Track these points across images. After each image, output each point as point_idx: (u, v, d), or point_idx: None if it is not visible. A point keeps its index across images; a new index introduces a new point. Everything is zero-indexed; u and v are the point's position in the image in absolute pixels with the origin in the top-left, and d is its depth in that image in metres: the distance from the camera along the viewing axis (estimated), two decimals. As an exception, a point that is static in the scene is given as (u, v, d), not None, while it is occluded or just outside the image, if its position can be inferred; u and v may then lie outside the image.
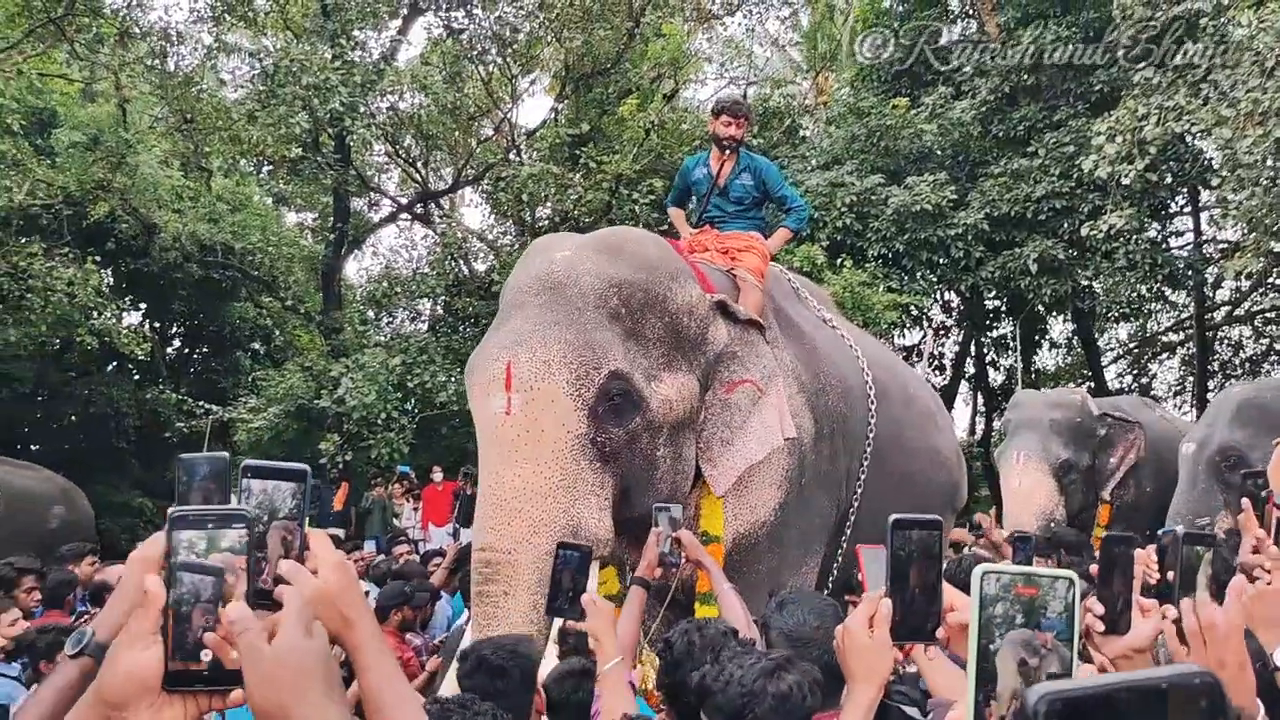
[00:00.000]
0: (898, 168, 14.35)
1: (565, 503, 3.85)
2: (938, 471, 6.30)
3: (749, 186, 5.56)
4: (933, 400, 6.87)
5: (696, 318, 4.48)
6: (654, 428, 4.21)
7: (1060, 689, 0.64)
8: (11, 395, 16.27)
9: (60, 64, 14.87)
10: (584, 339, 4.03)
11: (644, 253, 4.48)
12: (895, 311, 12.85)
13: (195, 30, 14.73)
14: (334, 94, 12.66)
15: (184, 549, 1.09)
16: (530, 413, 3.90)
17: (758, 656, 2.14)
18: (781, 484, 4.73)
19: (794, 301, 5.78)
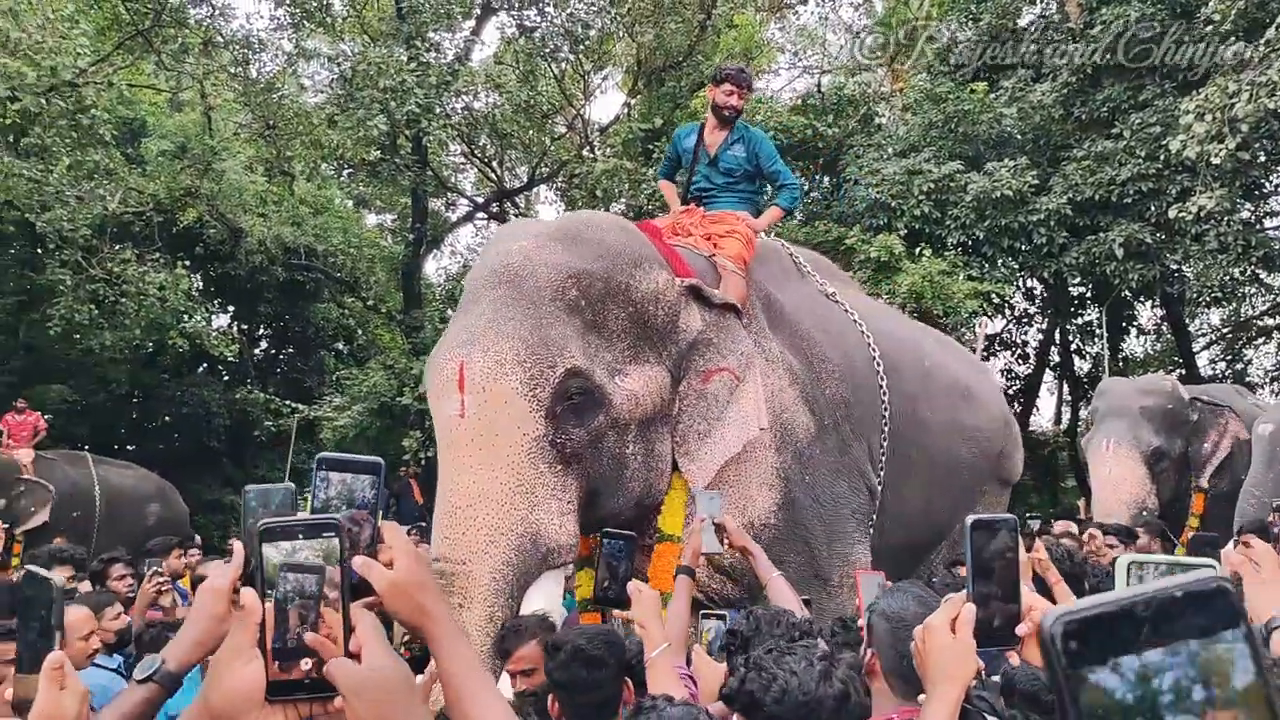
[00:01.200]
0: (976, 153, 14.07)
1: (523, 509, 3.63)
2: (966, 446, 5.90)
3: (740, 159, 5.27)
4: (964, 371, 6.39)
5: (664, 305, 4.23)
6: (620, 425, 3.98)
7: (1075, 608, 0.64)
8: (109, 397, 16.86)
9: (148, 75, 15.33)
10: (539, 336, 3.80)
11: (604, 239, 4.23)
12: (976, 300, 12.61)
13: (276, 37, 15.10)
14: (410, 96, 12.85)
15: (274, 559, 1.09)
16: (484, 415, 3.68)
17: (803, 658, 2.08)
18: (773, 484, 4.49)
19: (792, 279, 5.45)
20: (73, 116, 11.95)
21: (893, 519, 5.21)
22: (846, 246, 13.27)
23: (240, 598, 1.08)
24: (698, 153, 5.36)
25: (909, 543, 5.53)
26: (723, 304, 4.43)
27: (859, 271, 12.81)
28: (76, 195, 12.42)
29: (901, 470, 5.23)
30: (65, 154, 12.36)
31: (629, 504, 4.12)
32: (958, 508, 5.79)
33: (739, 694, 2.07)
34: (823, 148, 15.39)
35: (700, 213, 5.20)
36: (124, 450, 16.51)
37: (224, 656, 1.08)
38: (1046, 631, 0.63)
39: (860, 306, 5.64)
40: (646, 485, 4.15)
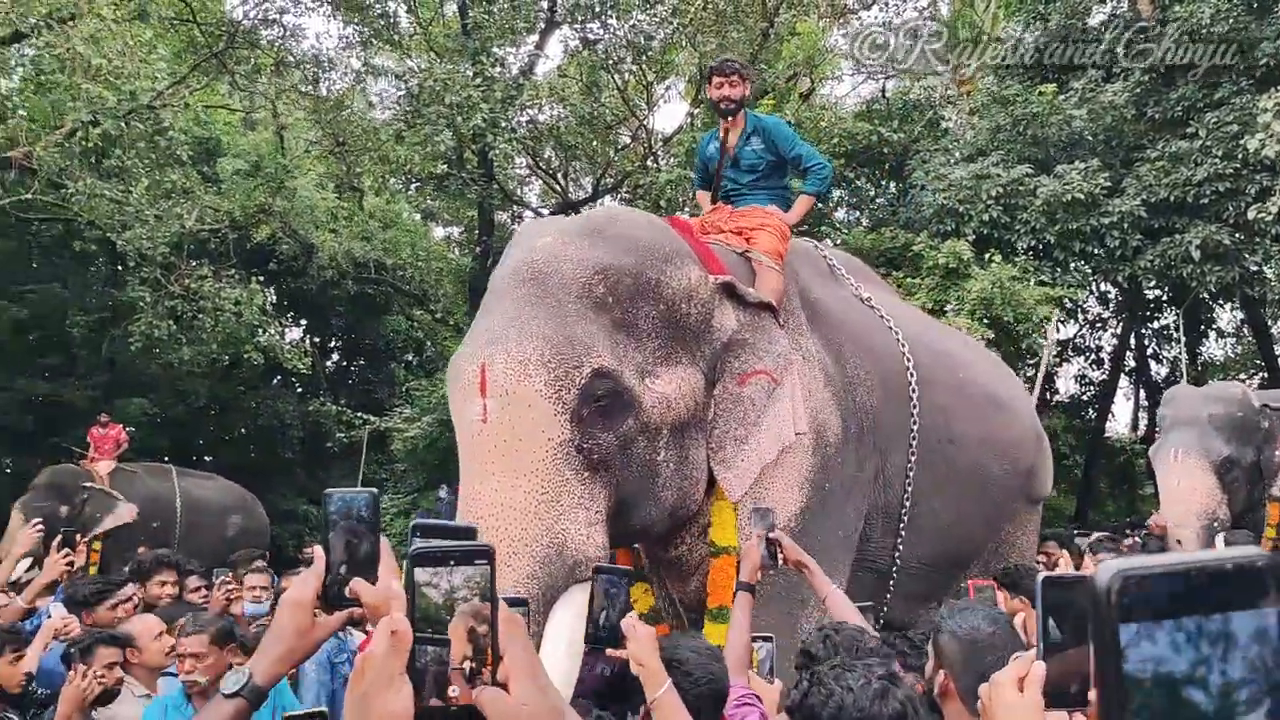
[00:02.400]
0: (1046, 156, 13.85)
1: (548, 519, 3.38)
2: (998, 463, 5.61)
3: (759, 151, 4.98)
4: (998, 383, 6.09)
5: (697, 303, 3.97)
6: (651, 430, 3.73)
7: (1134, 565, 0.67)
8: (187, 410, 17.29)
9: (223, 95, 15.73)
10: (564, 334, 3.56)
11: (633, 234, 3.97)
12: (1048, 305, 12.41)
13: (344, 56, 15.40)
14: (476, 110, 13.01)
15: (429, 588, 1.09)
16: (507, 420, 3.45)
17: (862, 673, 2.06)
18: (803, 485, 4.26)
19: (827, 281, 5.22)
20: (151, 138, 12.31)
21: (922, 533, 5.02)
22: (914, 253, 13.15)
23: (393, 624, 1.06)
24: (722, 157, 5.11)
25: (940, 558, 5.31)
26: (758, 303, 4.18)
27: (927, 278, 12.68)
28: (155, 214, 12.78)
29: (931, 484, 5.01)
30: (144, 174, 12.73)
31: (662, 515, 3.89)
32: (989, 524, 5.63)
33: (799, 707, 2.08)
34: (888, 153, 15.27)
35: (728, 210, 4.98)
36: (202, 461, 16.90)
37: (376, 683, 1.06)
38: (1104, 585, 0.66)
39: (895, 312, 5.43)
40: (680, 495, 3.91)
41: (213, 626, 3.76)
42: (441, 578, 1.09)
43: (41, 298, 16.34)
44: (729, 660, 2.92)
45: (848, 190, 16.76)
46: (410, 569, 1.08)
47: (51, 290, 16.47)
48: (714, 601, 4.00)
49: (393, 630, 1.06)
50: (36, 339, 16.76)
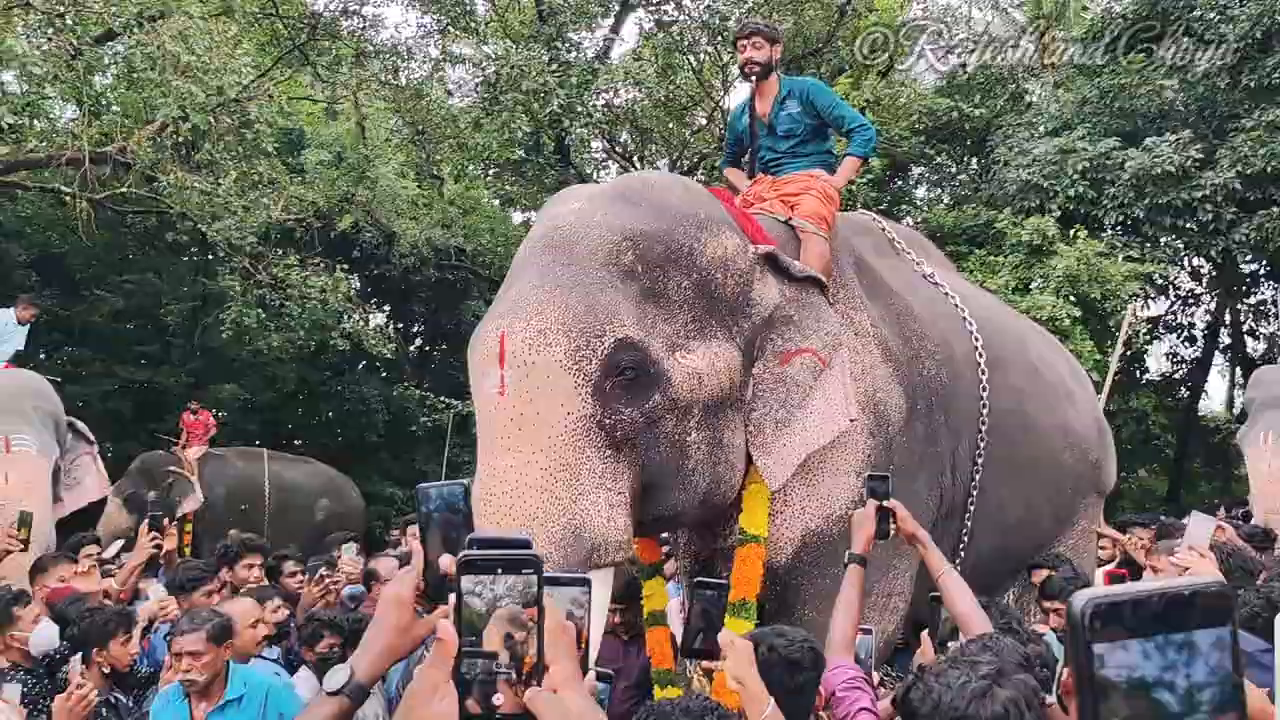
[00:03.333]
0: (1135, 129, 13.47)
1: (565, 498, 3.20)
2: (1069, 453, 5.36)
3: (797, 115, 4.68)
4: (1065, 368, 5.82)
5: (734, 273, 3.70)
6: (680, 408, 3.48)
7: (1102, 594, 0.77)
8: (276, 395, 17.74)
9: (305, 87, 16.02)
10: (586, 303, 3.34)
11: (665, 199, 3.73)
12: (1136, 282, 12.10)
13: (423, 45, 15.58)
14: (552, 96, 13.09)
15: (473, 596, 1.08)
16: (524, 392, 3.26)
17: (966, 671, 1.96)
18: (861, 471, 3.99)
19: (886, 254, 4.95)
20: (238, 131, 12.60)
21: (987, 525, 4.74)
22: (996, 230, 12.91)
23: (438, 630, 1.07)
24: (754, 125, 4.83)
25: (1003, 552, 5.00)
26: (805, 277, 3.89)
27: (1010, 256, 12.44)
28: (243, 205, 13.08)
29: (1002, 473, 4.73)
30: (232, 166, 13.04)
31: (692, 500, 3.64)
32: (1059, 517, 5.38)
33: (902, 701, 2.02)
34: (970, 129, 15.00)
35: (769, 180, 4.69)
36: (291, 445, 17.32)
37: (421, 692, 1.06)
38: (1077, 611, 0.76)
39: (961, 290, 5.11)
40: (714, 479, 3.65)
41: (209, 624, 3.69)
42: (487, 586, 1.08)
43: (137, 287, 16.88)
44: (835, 640, 2.85)
45: (928, 167, 16.50)
46: (457, 577, 1.08)
47: (147, 280, 17.01)
48: (737, 594, 3.73)
49: (438, 638, 1.07)
50: (133, 327, 17.33)
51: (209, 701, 3.66)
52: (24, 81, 10.44)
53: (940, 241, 13.64)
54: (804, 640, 2.65)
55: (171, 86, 10.92)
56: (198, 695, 3.65)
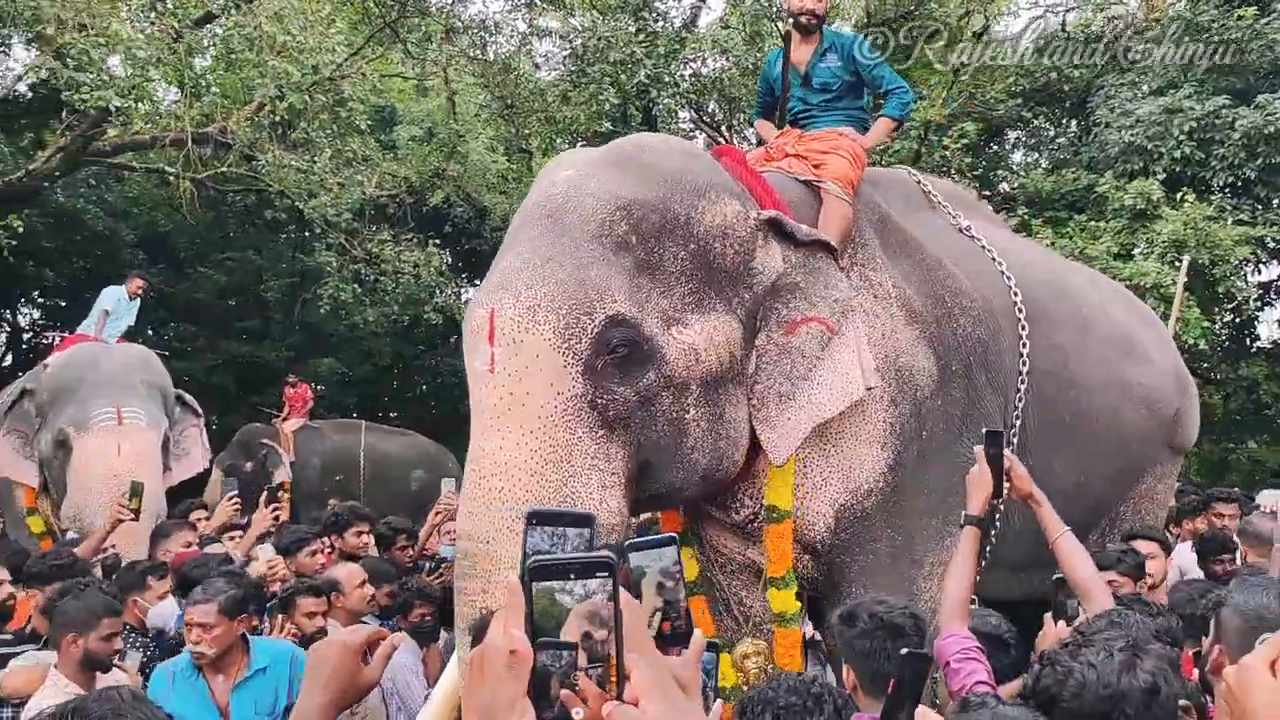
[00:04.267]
0: (1246, 86, 12.86)
1: (556, 480, 3.12)
2: (1132, 409, 4.97)
3: (836, 69, 4.51)
4: (1129, 320, 5.36)
5: (734, 241, 3.54)
6: (676, 385, 3.37)
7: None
8: (372, 369, 18.14)
9: (396, 64, 16.21)
10: (577, 278, 3.23)
11: (661, 165, 3.57)
12: (1247, 246, 11.61)
13: (511, 19, 15.64)
14: (640, 67, 13.04)
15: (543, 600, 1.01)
16: (513, 370, 3.17)
17: (1102, 647, 1.91)
18: (886, 440, 3.84)
19: (919, 209, 4.72)
20: (333, 109, 12.83)
21: None
22: (1098, 195, 12.51)
23: (511, 642, 0.98)
24: (787, 75, 4.64)
25: None
26: (812, 241, 3.70)
27: (1112, 221, 12.05)
28: (338, 182, 13.35)
29: (1049, 438, 4.46)
30: (327, 144, 13.29)
31: (692, 477, 3.52)
32: (1122, 480, 5.04)
33: (1035, 692, 1.94)
34: (1069, 90, 14.51)
35: (796, 133, 4.50)
36: (388, 418, 17.70)
37: (494, 706, 0.98)
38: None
39: (1001, 244, 4.83)
40: (715, 456, 3.53)
41: (222, 595, 3.55)
42: (561, 590, 1.01)
43: (238, 265, 17.36)
44: (947, 606, 2.79)
45: (1025, 131, 16.04)
46: (526, 584, 1.00)
47: (247, 257, 17.48)
48: (774, 570, 3.71)
49: (512, 650, 0.98)
50: (235, 303, 17.86)
51: (226, 675, 3.54)
52: (129, 65, 10.75)
53: (1039, 207, 13.32)
54: (904, 607, 2.63)
55: (268, 66, 11.16)
56: (211, 669, 3.53)
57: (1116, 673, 1.82)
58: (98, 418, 6.87)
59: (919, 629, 2.58)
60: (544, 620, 0.99)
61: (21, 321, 19.61)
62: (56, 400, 7.15)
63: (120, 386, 7.18)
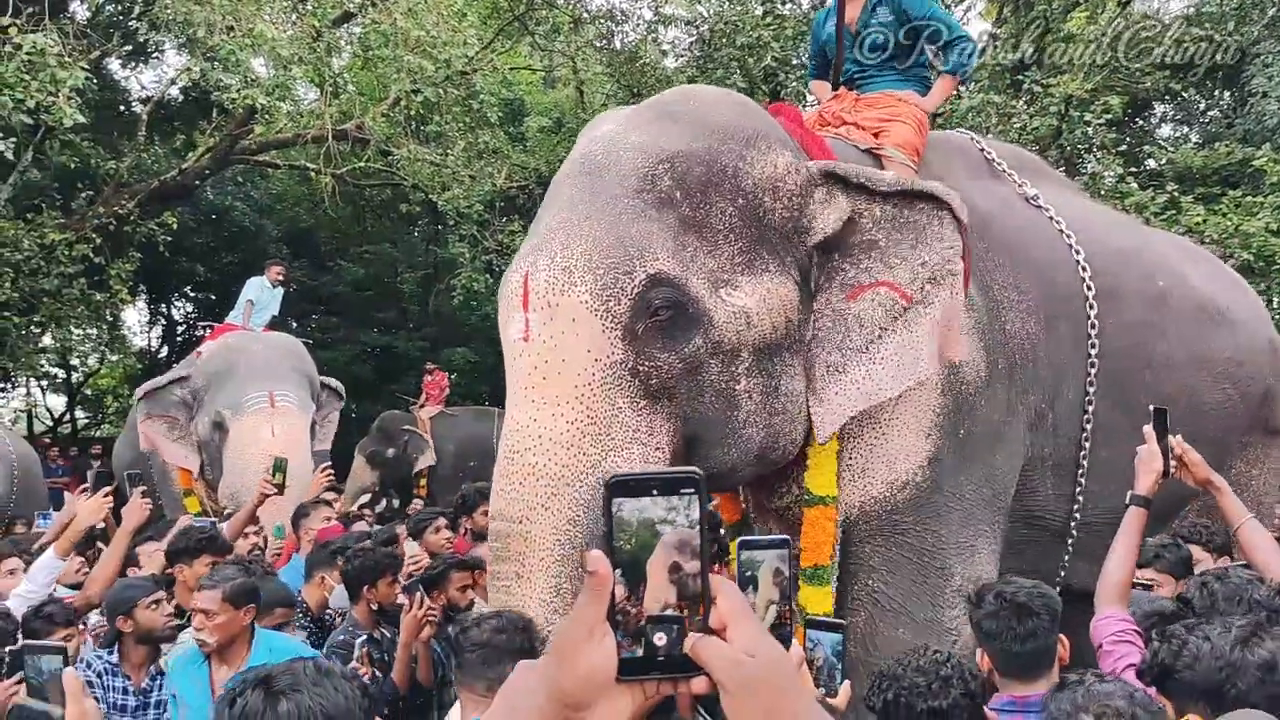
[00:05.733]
0: None
1: (594, 454, 2.87)
2: (1216, 386, 4.53)
3: (887, 25, 4.15)
4: (1215, 289, 4.85)
5: (785, 195, 3.19)
6: (726, 352, 3.05)
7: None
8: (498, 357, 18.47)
9: (524, 56, 16.47)
10: (615, 235, 2.96)
11: (707, 115, 3.27)
12: None
13: (637, 7, 15.67)
14: (767, 50, 12.93)
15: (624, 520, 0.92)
16: (548, 336, 2.93)
17: (1221, 624, 1.89)
18: (931, 432, 3.50)
19: (982, 178, 4.28)
20: (465, 102, 13.11)
21: (1112, 482, 3.97)
22: (1254, 169, 11.87)
23: (589, 563, 0.90)
24: (840, 35, 4.26)
25: None
26: (901, 191, 3.32)
27: (1270, 196, 11.42)
28: (470, 174, 13.63)
29: (1127, 422, 3.93)
30: (459, 137, 13.59)
31: (745, 456, 3.19)
32: None
33: (1151, 665, 1.94)
34: (1222, 60, 13.80)
35: (852, 96, 4.16)
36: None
37: (576, 635, 0.90)
38: None
39: (1071, 213, 4.39)
40: (770, 433, 3.19)
41: (229, 583, 3.40)
42: (643, 510, 0.92)
43: (375, 257, 17.91)
44: (1105, 588, 2.71)
45: (1173, 104, 15.34)
46: (606, 500, 0.92)
47: (383, 250, 18.02)
48: (809, 560, 3.38)
49: (590, 571, 0.89)
50: (372, 294, 18.41)
51: (230, 666, 3.42)
52: (273, 65, 11.17)
53: (1189, 184, 12.70)
54: (1033, 585, 2.58)
55: (403, 62, 11.45)
56: (217, 658, 3.42)
57: (1233, 645, 1.82)
58: (252, 401, 7.17)
59: (1049, 608, 2.52)
60: (623, 542, 0.91)
61: (175, 315, 20.66)
62: (212, 385, 7.48)
63: (272, 372, 7.48)
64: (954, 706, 2.19)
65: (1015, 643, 2.47)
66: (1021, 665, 2.49)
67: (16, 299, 12.11)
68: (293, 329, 14.52)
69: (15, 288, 11.94)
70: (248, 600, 3.42)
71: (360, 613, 4.16)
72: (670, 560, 0.90)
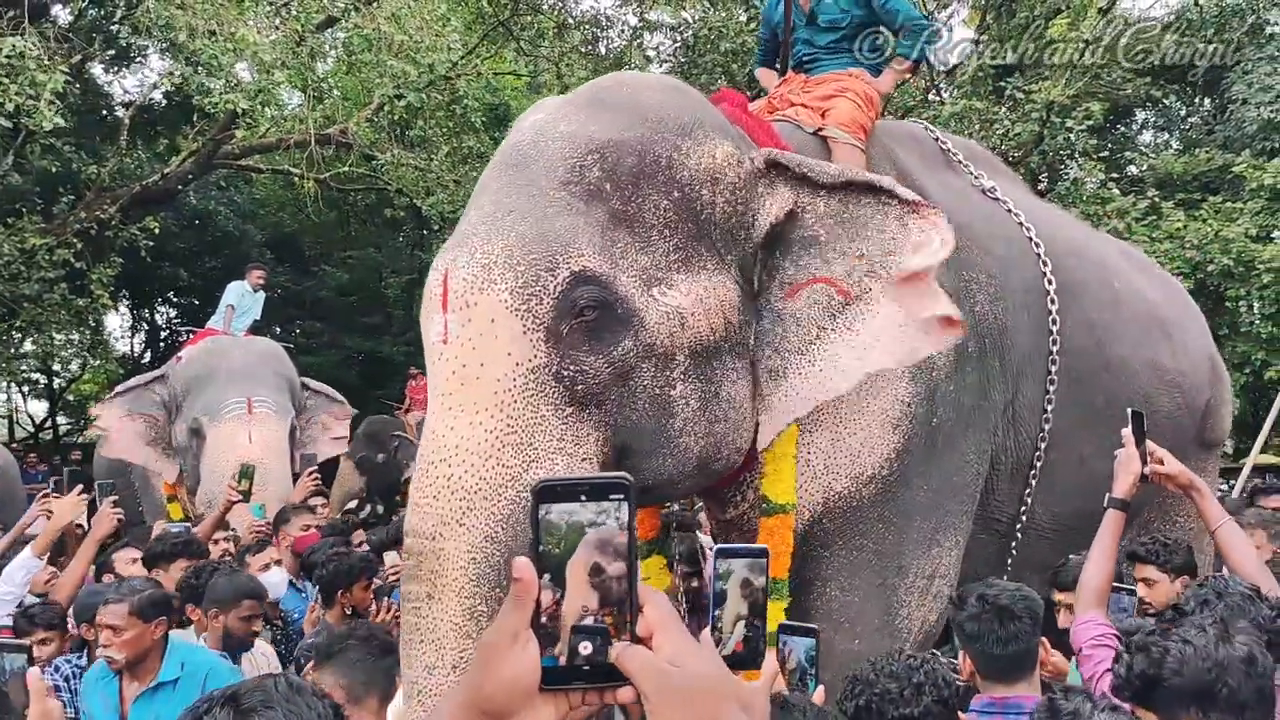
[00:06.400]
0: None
1: (514, 465, 2.65)
2: (1167, 396, 4.46)
3: (845, 4, 3.99)
4: (1162, 295, 4.82)
5: (724, 187, 2.99)
6: (659, 354, 2.83)
7: None
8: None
9: (509, 62, 16.45)
10: (539, 230, 2.76)
11: (639, 101, 3.06)
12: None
13: (622, 13, 15.69)
14: (751, 56, 12.95)
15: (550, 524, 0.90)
16: (466, 339, 2.72)
17: (1192, 626, 1.90)
18: (899, 423, 3.35)
19: (937, 168, 4.14)
20: (449, 107, 13.09)
21: (1060, 485, 4.02)
22: (1234, 175, 11.97)
23: (514, 569, 0.87)
24: (790, 16, 4.10)
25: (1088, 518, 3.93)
26: (843, 182, 3.06)
27: (1250, 202, 11.50)
28: (454, 179, 13.59)
29: (1080, 423, 3.99)
30: (443, 142, 13.56)
31: (684, 467, 2.95)
32: None
33: (1129, 680, 1.91)
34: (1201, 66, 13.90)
35: (800, 79, 3.99)
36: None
37: (496, 640, 0.88)
38: None
39: (1028, 208, 4.28)
40: (710, 442, 2.97)
41: (136, 596, 3.23)
42: (572, 514, 0.90)
43: (359, 262, 17.87)
44: (1084, 592, 2.72)
45: (1154, 110, 15.43)
46: (533, 507, 0.89)
47: (368, 255, 17.98)
48: (777, 572, 3.19)
49: (515, 577, 0.87)
50: (357, 300, 18.36)
51: (140, 682, 3.27)
52: (256, 69, 11.14)
53: (1170, 189, 12.79)
54: (1015, 588, 2.57)
55: (387, 67, 11.44)
56: (128, 674, 3.26)
57: (1214, 644, 1.82)
58: (229, 407, 7.13)
59: (1031, 611, 2.51)
60: (550, 547, 0.89)
61: (158, 320, 20.57)
62: (190, 391, 7.43)
63: (250, 377, 7.43)
64: (926, 714, 2.17)
65: (996, 645, 2.48)
66: (1002, 668, 2.50)
67: (-4, 304, 12.05)
68: (276, 334, 14.50)
69: (-5, 292, 11.88)
70: (157, 613, 3.25)
71: (334, 617, 4.15)
72: (592, 561, 0.88)
